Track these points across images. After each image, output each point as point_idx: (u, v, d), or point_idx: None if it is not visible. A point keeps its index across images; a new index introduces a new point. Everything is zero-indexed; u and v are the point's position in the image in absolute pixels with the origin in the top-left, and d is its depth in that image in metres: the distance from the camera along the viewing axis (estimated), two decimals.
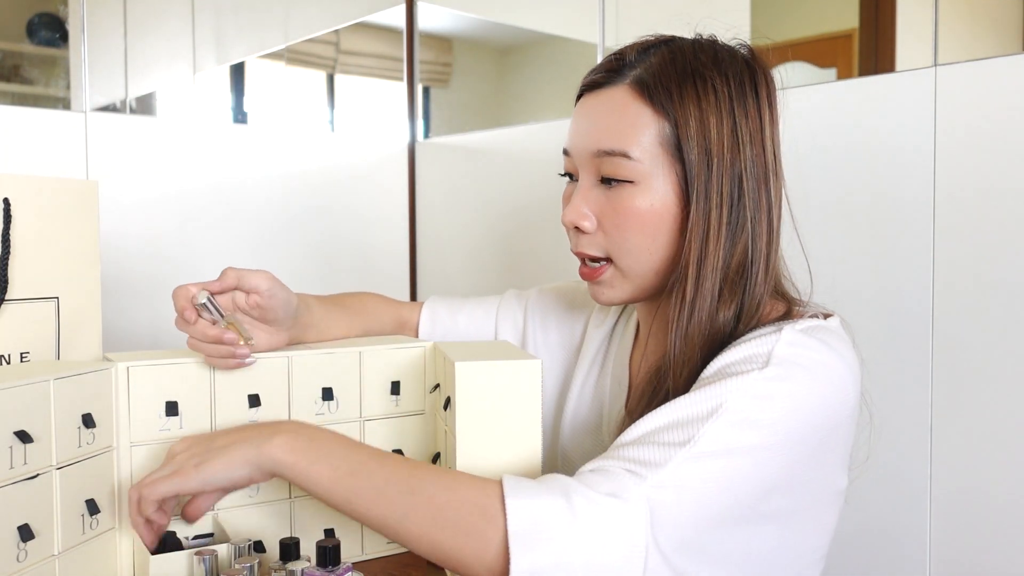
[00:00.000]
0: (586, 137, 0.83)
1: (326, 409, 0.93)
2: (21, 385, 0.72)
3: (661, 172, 0.80)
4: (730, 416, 0.68)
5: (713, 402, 0.69)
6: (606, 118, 0.81)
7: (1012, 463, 0.96)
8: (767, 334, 0.74)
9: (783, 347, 0.72)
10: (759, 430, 0.68)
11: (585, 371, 0.99)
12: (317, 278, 1.67)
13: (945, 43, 1.00)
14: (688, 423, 0.68)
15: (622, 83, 0.82)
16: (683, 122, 0.78)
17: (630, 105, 0.80)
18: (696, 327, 0.78)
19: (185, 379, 0.86)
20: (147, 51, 1.48)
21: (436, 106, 1.87)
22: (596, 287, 0.86)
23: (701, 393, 0.70)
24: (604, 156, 0.81)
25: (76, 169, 1.38)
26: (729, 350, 0.75)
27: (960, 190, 0.99)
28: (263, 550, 0.90)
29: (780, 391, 0.70)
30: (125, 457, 0.84)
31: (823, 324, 0.77)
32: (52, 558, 0.75)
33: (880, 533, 1.07)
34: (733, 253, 0.79)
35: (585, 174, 0.84)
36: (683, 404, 0.70)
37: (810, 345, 0.73)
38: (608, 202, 0.82)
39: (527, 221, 1.57)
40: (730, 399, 0.69)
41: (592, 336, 1.00)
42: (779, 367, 0.71)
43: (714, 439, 0.67)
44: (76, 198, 0.88)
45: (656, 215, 0.80)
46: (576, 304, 1.07)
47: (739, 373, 0.71)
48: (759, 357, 0.72)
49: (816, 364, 0.73)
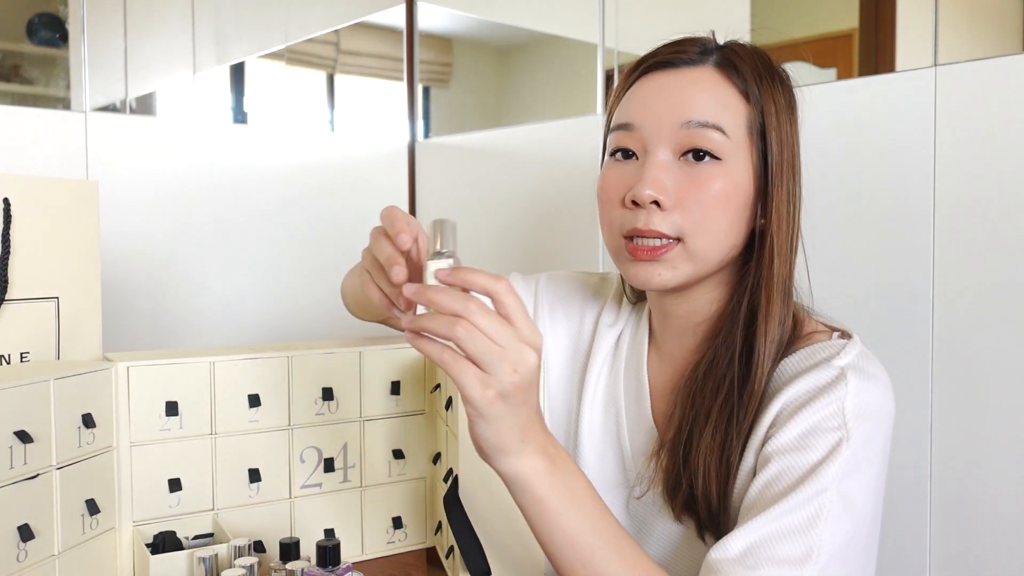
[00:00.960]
0: (669, 109, 0.81)
1: (326, 409, 0.93)
2: (21, 385, 0.72)
3: (743, 156, 0.81)
4: (834, 509, 0.71)
5: (815, 505, 0.71)
6: (695, 93, 0.81)
7: (1012, 463, 0.96)
8: (831, 381, 0.76)
9: (854, 402, 0.75)
10: (857, 509, 0.73)
11: (596, 373, 0.95)
12: (317, 278, 1.67)
13: (945, 43, 1.00)
14: (798, 532, 0.70)
15: (705, 64, 0.82)
16: (768, 110, 0.81)
17: (719, 84, 0.81)
18: (776, 326, 0.80)
19: (185, 379, 0.86)
20: (147, 51, 1.48)
21: (436, 106, 1.87)
22: (653, 266, 0.81)
23: (798, 495, 0.72)
24: (697, 128, 0.79)
25: (76, 169, 1.38)
26: (794, 384, 0.77)
27: (960, 190, 0.99)
28: (263, 550, 0.90)
29: (864, 459, 0.74)
30: (125, 457, 0.84)
31: (866, 356, 0.80)
32: (52, 558, 0.75)
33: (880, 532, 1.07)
34: (793, 252, 0.82)
35: (662, 148, 0.81)
36: (783, 509, 0.71)
37: (872, 391, 0.77)
38: (688, 179, 0.80)
39: (527, 221, 1.57)
40: (829, 493, 0.71)
41: (603, 336, 0.97)
42: (857, 431, 0.74)
43: (830, 542, 0.70)
44: (76, 198, 0.88)
45: (737, 197, 0.80)
46: (585, 294, 1.03)
47: (826, 456, 0.73)
48: (834, 418, 0.74)
49: (882, 410, 0.77)
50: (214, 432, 0.88)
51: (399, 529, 0.99)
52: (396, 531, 0.99)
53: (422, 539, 1.01)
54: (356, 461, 0.96)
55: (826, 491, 0.71)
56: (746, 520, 0.72)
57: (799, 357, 0.80)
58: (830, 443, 0.73)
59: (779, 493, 0.73)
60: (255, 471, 0.90)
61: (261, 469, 0.90)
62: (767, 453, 0.76)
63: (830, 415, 0.75)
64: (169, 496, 0.86)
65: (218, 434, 0.88)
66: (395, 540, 0.99)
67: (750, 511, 0.74)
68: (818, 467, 0.72)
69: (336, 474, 0.95)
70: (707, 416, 0.81)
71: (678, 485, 0.82)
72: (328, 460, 0.94)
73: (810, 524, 0.70)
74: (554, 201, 1.48)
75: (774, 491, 0.73)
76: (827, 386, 0.76)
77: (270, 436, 0.91)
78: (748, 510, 0.74)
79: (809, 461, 0.73)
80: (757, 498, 0.74)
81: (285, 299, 1.63)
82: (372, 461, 0.97)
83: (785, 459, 0.74)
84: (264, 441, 0.91)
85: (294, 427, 0.92)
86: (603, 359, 0.96)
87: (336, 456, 0.95)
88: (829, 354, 0.78)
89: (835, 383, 0.76)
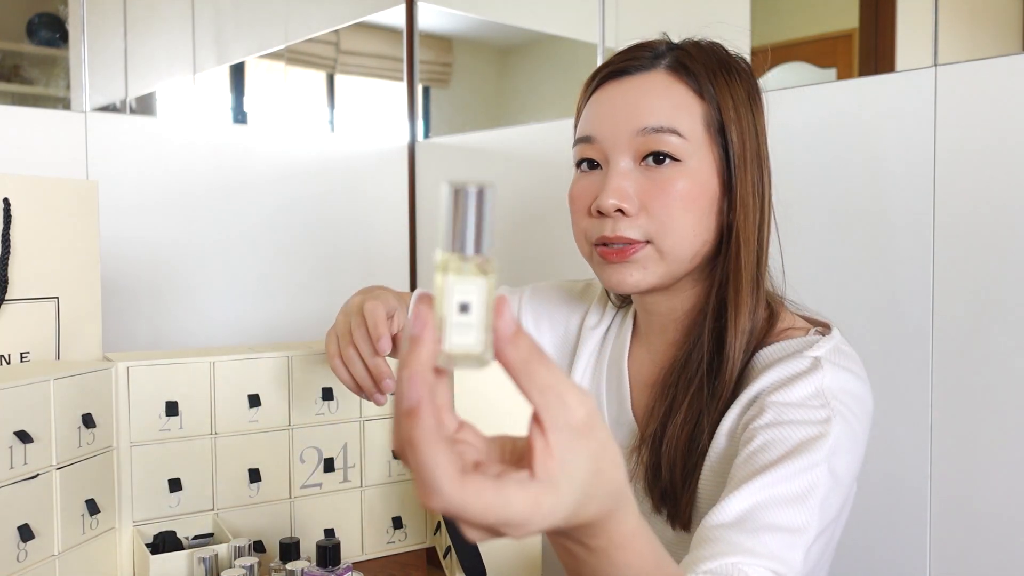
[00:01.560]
0: (625, 118, 0.82)
1: (326, 409, 0.93)
2: (21, 385, 0.72)
3: (704, 154, 0.81)
4: (827, 483, 0.72)
5: (810, 476, 0.71)
6: (648, 99, 0.82)
7: (1012, 466, 0.96)
8: (807, 368, 0.77)
9: (832, 386, 0.76)
10: (844, 487, 0.75)
11: (580, 373, 0.97)
12: (317, 278, 1.67)
13: (945, 43, 1.00)
14: (794, 501, 0.70)
15: (657, 68, 0.83)
16: (725, 105, 0.81)
17: (672, 87, 0.82)
18: (747, 318, 0.80)
19: (185, 379, 0.86)
20: (147, 51, 1.48)
21: (436, 106, 1.87)
22: (625, 268, 0.82)
23: (792, 465, 0.72)
24: (651, 134, 0.80)
25: (76, 169, 1.38)
26: (771, 371, 0.78)
27: (960, 190, 0.99)
28: (263, 550, 0.90)
29: (848, 439, 0.75)
30: (125, 457, 0.84)
31: (841, 352, 0.80)
32: (52, 558, 0.75)
33: (880, 535, 1.07)
34: (762, 243, 0.82)
35: (622, 156, 0.82)
36: (778, 477, 0.71)
37: (850, 381, 0.78)
38: (651, 183, 0.81)
39: (527, 221, 1.57)
40: (822, 467, 0.72)
41: (588, 337, 0.99)
42: (840, 413, 0.75)
43: (821, 516, 0.71)
44: (76, 198, 0.88)
45: (702, 195, 0.81)
46: (570, 301, 1.05)
47: (818, 433, 0.73)
48: (817, 397, 0.75)
49: (860, 400, 0.78)
50: (214, 432, 0.88)
51: (399, 529, 0.99)
52: (396, 531, 0.99)
53: (422, 539, 1.01)
54: (356, 461, 0.96)
55: (818, 465, 0.71)
56: (737, 487, 0.71)
57: (773, 350, 0.81)
58: (819, 419, 0.74)
59: (771, 462, 0.72)
60: (255, 471, 0.90)
61: (261, 469, 0.90)
62: (752, 430, 0.75)
63: (813, 394, 0.75)
64: (169, 496, 0.86)
65: (218, 434, 0.88)
66: (395, 540, 0.99)
67: (739, 480, 0.72)
68: (811, 441, 0.72)
69: (336, 474, 0.95)
70: (679, 408, 0.82)
71: (657, 478, 0.82)
72: (328, 460, 0.94)
73: (806, 494, 0.70)
74: (554, 201, 1.48)
75: (764, 460, 0.72)
76: (804, 372, 0.77)
77: (270, 436, 0.91)
78: (737, 480, 0.73)
79: (799, 435, 0.73)
80: (745, 466, 0.73)
81: (285, 299, 1.63)
82: (372, 461, 0.97)
83: (772, 432, 0.74)
84: (264, 441, 0.91)
85: (294, 427, 0.92)
86: (587, 359, 0.97)
87: (336, 456, 0.95)
88: (802, 346, 0.79)
89: (811, 370, 0.77)
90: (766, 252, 0.84)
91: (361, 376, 0.85)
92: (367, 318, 0.85)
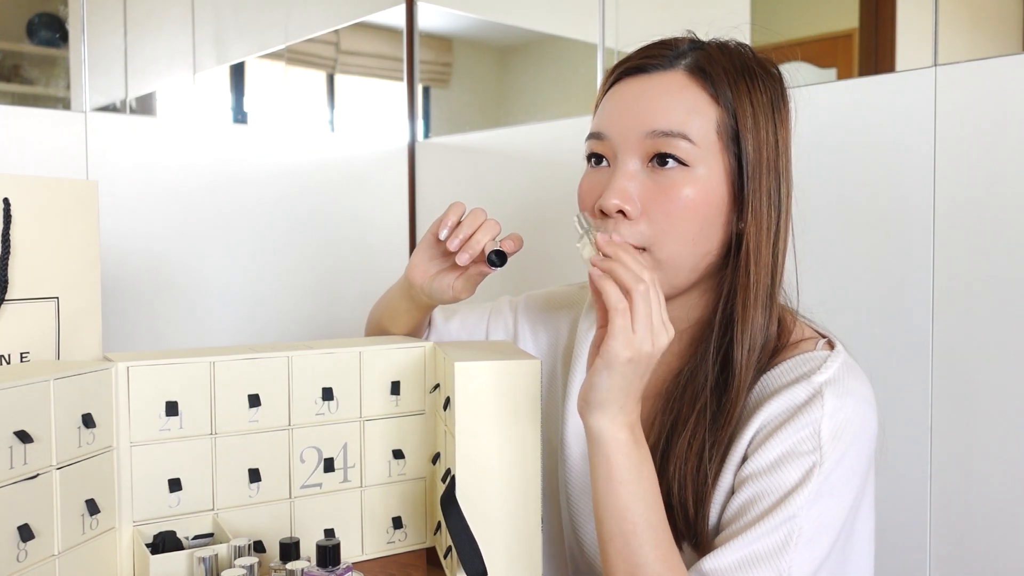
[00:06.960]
0: (636, 117, 0.80)
1: (326, 409, 0.93)
2: (21, 385, 0.72)
3: (714, 160, 0.79)
4: (805, 534, 0.73)
5: (784, 531, 0.73)
6: (661, 99, 0.80)
7: (1012, 464, 0.96)
8: (807, 399, 0.76)
9: (830, 423, 0.75)
10: (833, 529, 0.74)
11: (580, 374, 0.96)
12: (317, 278, 1.67)
13: (945, 43, 1.00)
14: (768, 558, 0.72)
15: (675, 68, 0.81)
16: (742, 112, 0.78)
17: (688, 89, 0.80)
18: (756, 334, 0.79)
19: (185, 379, 0.86)
20: (147, 51, 1.48)
21: (436, 106, 1.87)
22: None
23: (769, 521, 0.73)
24: (661, 137, 0.78)
25: (76, 169, 1.38)
26: (773, 401, 0.77)
27: (960, 190, 0.99)
28: (263, 550, 0.90)
29: (840, 480, 0.74)
30: (125, 457, 0.84)
31: (848, 368, 0.79)
32: (52, 558, 0.75)
33: (880, 534, 1.07)
34: (776, 257, 0.80)
35: (629, 157, 0.81)
36: (755, 535, 0.73)
37: (849, 408, 0.76)
38: (656, 186, 0.79)
39: (527, 221, 1.57)
40: (799, 519, 0.73)
41: (583, 341, 0.97)
42: (832, 453, 0.74)
43: (799, 568, 0.72)
44: (76, 198, 0.88)
45: (708, 203, 0.79)
46: (563, 306, 1.04)
47: (799, 482, 0.74)
48: (808, 441, 0.75)
49: (860, 428, 0.76)
50: (214, 432, 0.88)
51: (399, 529, 0.99)
52: (396, 531, 0.99)
53: (422, 539, 1.01)
54: (356, 461, 0.96)
55: (795, 517, 0.73)
56: (721, 544, 0.74)
57: (781, 371, 0.79)
58: (803, 468, 0.74)
59: (752, 520, 0.74)
60: (255, 471, 0.90)
61: (261, 469, 0.90)
62: (743, 475, 0.77)
63: (805, 438, 0.75)
64: (169, 496, 0.86)
65: (218, 434, 0.88)
66: (395, 540, 0.99)
67: (725, 536, 0.76)
68: (790, 493, 0.73)
69: (336, 474, 0.95)
70: (684, 423, 0.81)
71: (668, 496, 0.81)
72: (328, 460, 0.94)
73: (780, 550, 0.72)
74: (554, 201, 1.48)
75: (748, 517, 0.75)
76: (803, 405, 0.76)
77: (270, 436, 0.91)
78: (723, 535, 0.76)
79: (782, 486, 0.74)
80: (732, 523, 0.76)
81: (285, 298, 1.63)
82: (372, 461, 0.97)
83: (759, 483, 0.75)
84: (264, 441, 0.91)
85: (294, 427, 0.92)
86: (585, 362, 0.96)
87: (336, 456, 0.95)
88: (810, 368, 0.78)
89: (811, 402, 0.76)
90: (781, 267, 0.81)
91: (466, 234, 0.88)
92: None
